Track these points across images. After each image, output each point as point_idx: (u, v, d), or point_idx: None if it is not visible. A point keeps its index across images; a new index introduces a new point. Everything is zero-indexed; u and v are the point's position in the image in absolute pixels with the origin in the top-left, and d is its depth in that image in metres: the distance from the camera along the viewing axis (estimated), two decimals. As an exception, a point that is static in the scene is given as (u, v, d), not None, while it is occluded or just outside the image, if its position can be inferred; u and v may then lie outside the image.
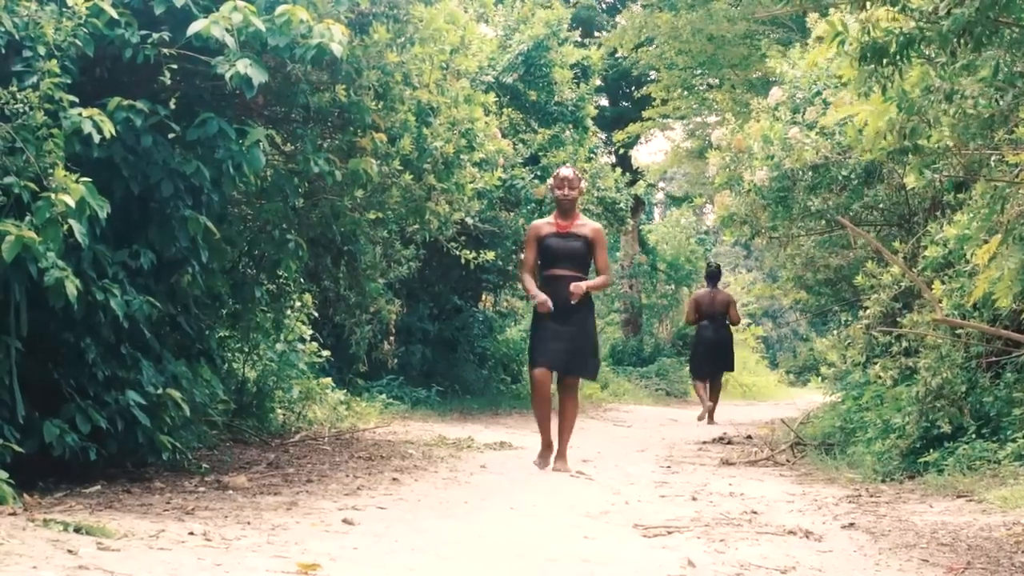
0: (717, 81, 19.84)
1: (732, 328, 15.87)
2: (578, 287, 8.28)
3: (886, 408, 9.28)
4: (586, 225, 8.61)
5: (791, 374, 31.23)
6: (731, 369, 16.02)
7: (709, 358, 15.38)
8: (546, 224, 8.61)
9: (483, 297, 16.73)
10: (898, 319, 9.20)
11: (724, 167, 11.15)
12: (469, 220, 13.15)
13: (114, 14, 5.92)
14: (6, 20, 5.53)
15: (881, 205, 10.77)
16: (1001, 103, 5.59)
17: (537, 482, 7.81)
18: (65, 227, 5.31)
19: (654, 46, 20.06)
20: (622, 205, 17.28)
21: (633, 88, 24.70)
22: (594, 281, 8.55)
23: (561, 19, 15.73)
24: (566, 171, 8.61)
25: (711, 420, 15.09)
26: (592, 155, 17.35)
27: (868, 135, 5.99)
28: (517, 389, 16.21)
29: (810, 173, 10.27)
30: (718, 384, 15.63)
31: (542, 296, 8.31)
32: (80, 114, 5.58)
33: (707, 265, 16.59)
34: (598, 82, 18.78)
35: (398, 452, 8.93)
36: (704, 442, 12.14)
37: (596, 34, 23.32)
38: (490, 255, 13.51)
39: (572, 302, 8.24)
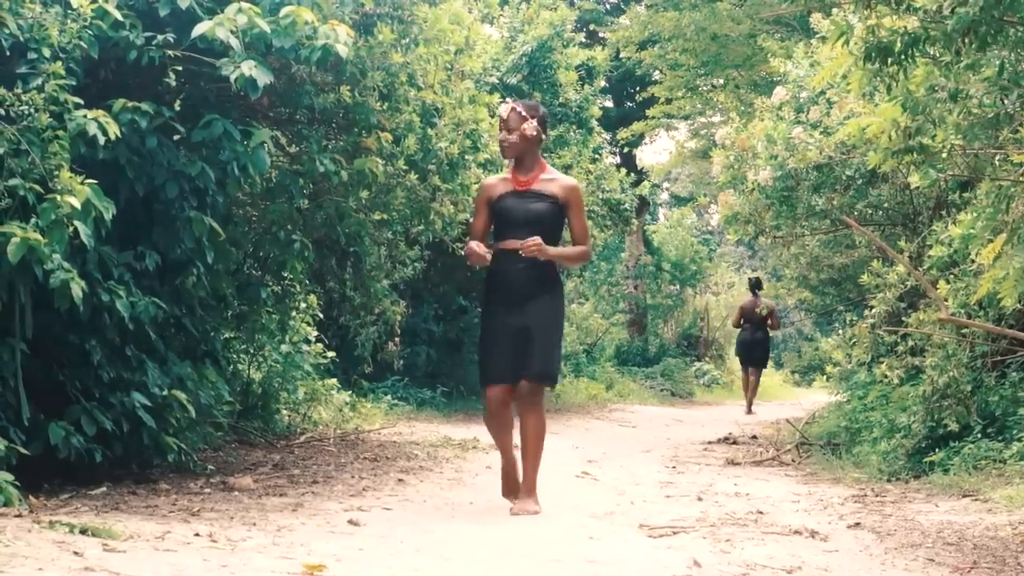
0: (721, 81, 19.83)
1: (770, 332, 18.30)
2: (533, 242, 6.06)
3: (892, 407, 9.28)
4: (555, 180, 6.36)
5: (796, 374, 31.21)
6: (763, 366, 18.45)
7: (747, 355, 17.96)
8: (501, 181, 6.45)
9: (487, 298, 16.71)
10: (903, 318, 9.20)
11: (728, 166, 11.14)
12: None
13: (119, 16, 5.92)
14: (11, 22, 5.54)
15: (886, 204, 10.77)
16: (1006, 102, 5.59)
17: (542, 483, 7.80)
18: (71, 229, 5.32)
19: (658, 46, 20.06)
20: (627, 205, 17.29)
21: (637, 88, 24.69)
22: (567, 249, 6.45)
23: (565, 20, 15.74)
24: (503, 108, 6.43)
25: (749, 410, 17.61)
26: (597, 155, 17.35)
27: (881, 143, 5.99)
28: (522, 390, 16.19)
29: (814, 172, 10.26)
30: (755, 378, 18.10)
31: (470, 246, 6.21)
32: (85, 116, 5.58)
33: (749, 280, 19.21)
34: (602, 83, 18.78)
35: (403, 453, 8.93)
36: (709, 442, 12.14)
37: (601, 34, 23.31)
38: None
39: (521, 253, 6.07)
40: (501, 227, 6.34)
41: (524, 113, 6.33)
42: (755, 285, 18.23)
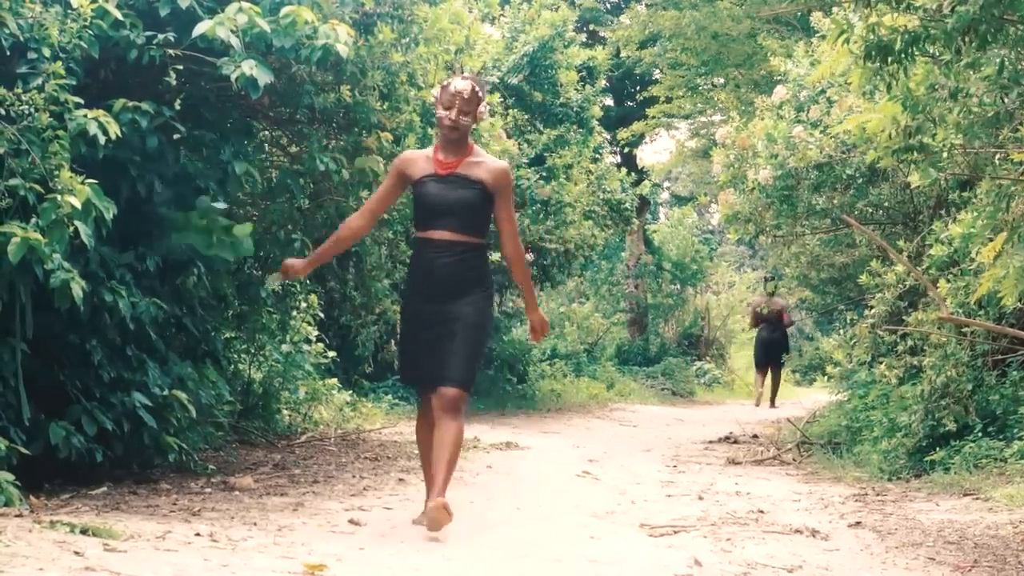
0: (721, 80, 19.86)
1: (787, 329, 19.35)
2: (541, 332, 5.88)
3: (892, 407, 9.28)
4: (483, 163, 5.62)
5: (797, 373, 31.22)
6: (779, 363, 19.07)
7: (764, 353, 18.90)
8: (423, 159, 5.67)
9: (488, 297, 16.70)
10: (903, 318, 9.20)
11: (728, 166, 11.14)
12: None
13: (119, 15, 5.92)
14: (11, 22, 5.54)
15: (886, 203, 10.77)
16: (1006, 101, 5.59)
17: (543, 482, 7.80)
18: (71, 229, 5.32)
19: (658, 45, 20.08)
20: (627, 205, 17.28)
21: (637, 88, 24.68)
22: (529, 287, 5.96)
23: (567, 20, 15.74)
24: (461, 83, 5.59)
25: (772, 404, 18.69)
26: (597, 155, 17.35)
27: (881, 139, 5.99)
28: (523, 389, 16.22)
29: (814, 171, 10.26)
30: (776, 375, 19.19)
31: (286, 263, 5.94)
32: (85, 116, 5.58)
33: (765, 278, 19.93)
34: (603, 83, 18.80)
35: (404, 453, 8.93)
36: (710, 441, 12.14)
37: (601, 33, 23.32)
38: (495, 256, 13.50)
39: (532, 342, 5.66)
40: (423, 215, 5.59)
41: (481, 93, 5.64)
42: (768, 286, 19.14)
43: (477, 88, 5.60)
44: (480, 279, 5.65)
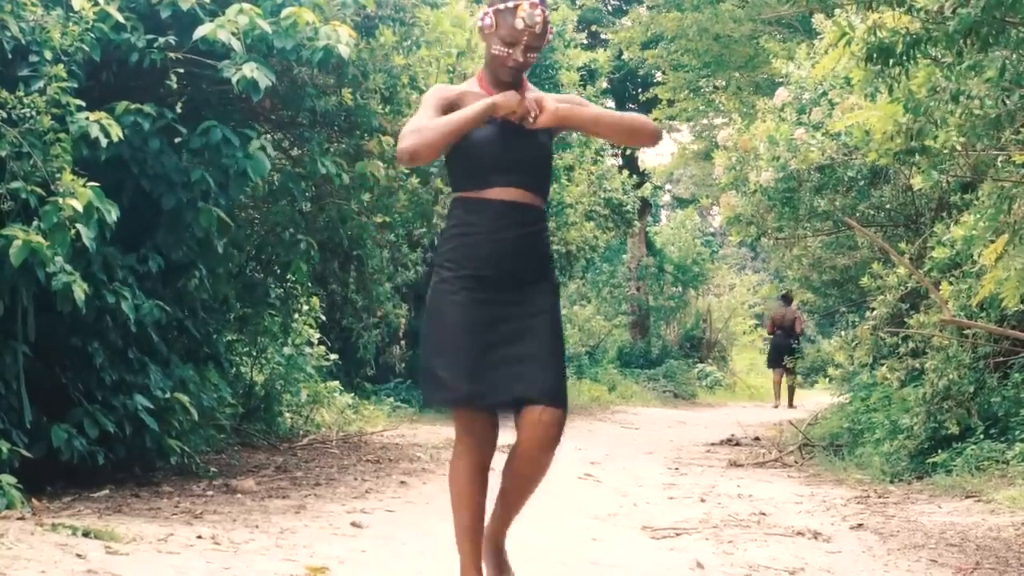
0: (723, 83, 19.84)
1: (797, 335, 20.60)
2: (541, 102, 3.84)
3: (894, 409, 9.27)
4: (543, 100, 3.87)
5: (799, 375, 31.22)
6: (784, 366, 19.95)
7: (777, 357, 20.04)
8: (472, 96, 3.92)
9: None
10: (905, 320, 9.19)
11: (730, 168, 11.13)
12: (476, 223, 13.15)
13: (120, 18, 5.93)
14: (13, 25, 5.55)
15: (887, 206, 10.76)
16: (1008, 103, 5.58)
17: (545, 485, 7.78)
18: (73, 232, 5.32)
19: (660, 47, 20.09)
20: (629, 207, 17.28)
21: (639, 90, 24.67)
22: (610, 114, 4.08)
23: (567, 20, 15.74)
24: (532, 13, 3.80)
25: (790, 404, 19.85)
26: (599, 157, 17.36)
27: (877, 139, 5.99)
28: (525, 392, 16.18)
29: (816, 174, 10.25)
30: (789, 377, 20.49)
31: (496, 99, 3.79)
32: (87, 118, 5.59)
33: (782, 293, 20.94)
34: (605, 84, 18.78)
35: (406, 455, 8.93)
36: (712, 444, 12.13)
37: (603, 35, 23.32)
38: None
39: (526, 121, 3.79)
40: (475, 170, 3.87)
41: (548, 17, 3.94)
42: (785, 298, 20.15)
43: (548, 14, 3.94)
44: (551, 261, 4.07)
